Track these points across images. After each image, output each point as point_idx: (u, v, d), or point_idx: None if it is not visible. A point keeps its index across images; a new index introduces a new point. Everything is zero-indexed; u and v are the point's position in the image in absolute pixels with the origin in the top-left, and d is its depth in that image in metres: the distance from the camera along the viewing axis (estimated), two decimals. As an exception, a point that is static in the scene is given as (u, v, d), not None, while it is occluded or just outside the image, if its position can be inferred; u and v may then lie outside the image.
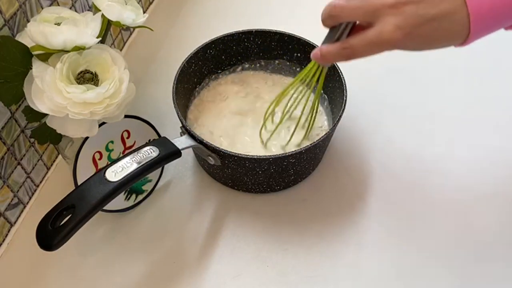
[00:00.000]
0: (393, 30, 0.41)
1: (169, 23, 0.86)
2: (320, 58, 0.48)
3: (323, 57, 0.48)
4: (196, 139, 0.55)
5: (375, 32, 0.42)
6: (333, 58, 0.47)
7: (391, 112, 0.71)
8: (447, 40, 0.42)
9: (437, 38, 0.42)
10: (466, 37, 0.41)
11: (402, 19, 0.41)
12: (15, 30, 0.51)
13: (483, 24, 0.40)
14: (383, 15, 0.41)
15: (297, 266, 0.55)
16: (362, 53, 0.44)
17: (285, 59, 0.69)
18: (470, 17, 0.39)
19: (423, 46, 0.43)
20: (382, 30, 0.42)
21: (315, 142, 0.55)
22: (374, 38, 0.42)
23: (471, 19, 0.39)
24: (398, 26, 0.41)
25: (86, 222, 0.45)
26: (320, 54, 0.48)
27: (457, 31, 0.41)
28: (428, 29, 0.41)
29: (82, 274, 0.55)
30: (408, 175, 0.63)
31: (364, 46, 0.43)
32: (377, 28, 0.42)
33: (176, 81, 0.61)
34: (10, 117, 0.53)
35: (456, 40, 0.42)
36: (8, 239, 0.58)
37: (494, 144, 0.66)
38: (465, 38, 0.41)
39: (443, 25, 0.40)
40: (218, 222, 0.59)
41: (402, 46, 0.43)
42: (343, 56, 0.46)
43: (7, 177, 0.55)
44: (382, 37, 0.42)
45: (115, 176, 0.47)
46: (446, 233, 0.58)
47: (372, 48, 0.43)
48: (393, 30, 0.41)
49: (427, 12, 0.40)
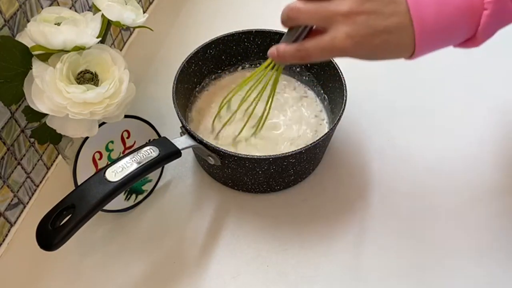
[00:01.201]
0: (344, 38, 0.42)
1: (169, 23, 0.86)
2: (277, 57, 0.49)
3: (279, 56, 0.49)
4: (196, 139, 0.55)
5: (328, 39, 0.43)
6: (288, 58, 0.48)
7: (391, 112, 0.71)
8: (396, 53, 0.44)
9: (385, 50, 0.43)
10: (413, 51, 0.42)
11: (353, 28, 0.42)
12: (15, 30, 0.51)
13: (427, 42, 0.42)
14: (336, 23, 0.43)
15: (297, 266, 0.55)
16: (315, 57, 0.46)
17: None
18: (415, 33, 0.41)
19: (372, 56, 0.44)
20: (334, 37, 0.43)
21: (315, 142, 0.55)
22: (326, 44, 0.44)
23: (416, 35, 0.41)
24: (349, 35, 0.42)
25: (86, 222, 0.45)
26: (277, 53, 0.49)
27: (404, 44, 0.42)
28: (377, 40, 0.42)
29: (82, 274, 0.55)
30: (408, 175, 0.63)
31: (317, 50, 0.45)
32: (329, 34, 0.43)
33: (176, 81, 0.61)
34: (10, 117, 0.53)
35: (404, 53, 0.43)
36: (8, 239, 0.58)
37: (495, 144, 0.66)
38: (412, 52, 0.43)
39: (392, 38, 0.42)
40: (218, 222, 0.60)
41: (352, 54, 0.44)
42: (298, 57, 0.47)
43: (7, 177, 0.55)
44: (333, 44, 0.43)
45: (115, 176, 0.47)
46: (447, 233, 0.58)
47: (324, 53, 0.45)
48: (344, 38, 0.42)
49: (378, 24, 0.41)
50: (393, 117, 0.70)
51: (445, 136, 0.67)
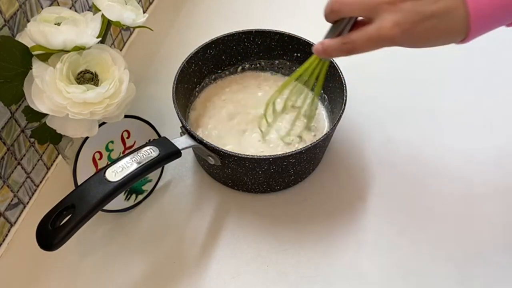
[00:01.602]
0: (391, 27, 0.41)
1: (169, 23, 0.86)
2: (322, 52, 0.48)
3: (324, 51, 0.48)
4: (196, 139, 0.55)
5: (374, 28, 0.42)
6: (334, 52, 0.47)
7: (391, 112, 0.71)
8: (446, 38, 0.42)
9: (436, 36, 0.42)
10: (466, 34, 0.41)
11: (400, 16, 0.41)
12: (15, 30, 0.51)
13: (483, 22, 0.40)
14: (382, 12, 0.42)
15: (297, 266, 0.55)
16: (362, 49, 0.44)
17: (285, 59, 0.69)
18: (469, 14, 0.39)
19: (422, 43, 0.43)
20: (381, 27, 0.42)
21: (315, 142, 0.55)
22: (373, 34, 0.43)
23: (470, 17, 0.39)
24: (396, 23, 0.41)
25: (86, 222, 0.45)
26: (322, 48, 0.48)
27: (456, 28, 0.41)
28: (426, 26, 0.40)
29: (82, 274, 0.55)
30: (408, 175, 0.63)
31: (364, 41, 0.44)
32: (376, 24, 0.42)
33: (176, 81, 0.61)
34: (10, 117, 0.53)
35: (456, 38, 0.42)
36: (8, 239, 0.58)
37: (495, 143, 0.66)
38: (465, 35, 0.41)
39: (442, 23, 0.40)
40: (218, 222, 0.59)
41: (400, 43, 0.43)
42: (344, 50, 0.46)
43: (7, 177, 0.55)
44: (380, 33, 0.42)
45: (115, 176, 0.47)
46: (447, 233, 0.58)
47: (371, 43, 0.44)
48: (391, 27, 0.41)
49: (426, 9, 0.40)
50: (393, 117, 0.70)
51: (445, 136, 0.67)
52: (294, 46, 0.67)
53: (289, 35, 0.66)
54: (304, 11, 0.81)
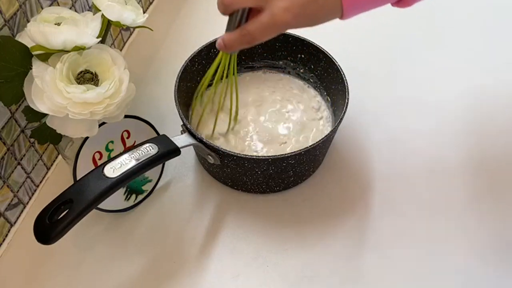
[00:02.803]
0: (283, 13, 0.44)
1: (169, 23, 0.86)
2: (224, 47, 0.50)
3: (226, 46, 0.50)
4: (196, 138, 0.55)
5: (267, 17, 0.45)
6: (235, 45, 0.49)
7: (392, 113, 0.71)
8: (329, 16, 0.46)
9: (321, 15, 0.45)
10: (342, 12, 0.45)
11: (289, 1, 0.44)
12: (15, 30, 0.51)
13: (353, 2, 0.44)
14: (271, 0, 0.45)
15: (297, 266, 0.55)
16: (260, 37, 0.47)
17: (289, 60, 0.69)
18: None
19: (311, 23, 0.46)
20: (273, 14, 0.45)
21: (314, 143, 0.54)
22: (267, 22, 0.45)
23: None
24: (286, 8, 0.44)
25: (83, 217, 0.45)
26: (223, 43, 0.50)
27: (334, 7, 0.45)
28: (313, 7, 0.44)
29: (82, 274, 0.55)
30: (410, 176, 0.63)
31: (261, 31, 0.46)
32: (267, 12, 0.45)
33: (179, 79, 0.60)
34: (10, 117, 0.53)
35: (335, 15, 0.46)
36: (8, 239, 0.58)
37: (496, 144, 0.66)
38: (341, 13, 0.45)
39: (325, 3, 0.44)
40: (218, 222, 0.60)
41: (294, 26, 0.46)
42: (244, 42, 0.48)
43: (7, 177, 0.55)
44: (274, 20, 0.45)
45: (113, 172, 0.47)
46: (448, 233, 0.58)
47: (268, 31, 0.46)
48: (283, 13, 0.44)
49: None
50: (395, 119, 0.70)
51: (447, 137, 0.67)
52: (298, 47, 0.67)
53: (294, 36, 0.66)
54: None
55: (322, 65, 0.66)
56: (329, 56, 0.64)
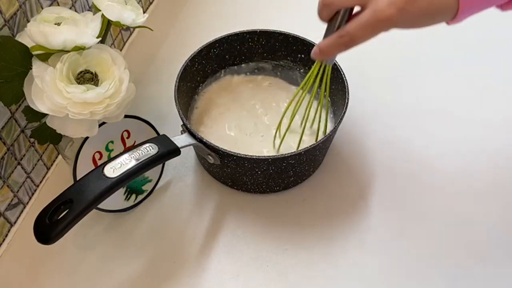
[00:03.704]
0: (387, 7, 0.41)
1: (169, 23, 0.86)
2: (319, 54, 0.47)
3: (321, 52, 0.46)
4: (196, 138, 0.55)
5: (369, 13, 0.42)
6: (332, 49, 0.45)
7: (393, 113, 0.71)
8: (440, 15, 0.42)
9: (430, 13, 0.42)
10: (456, 11, 0.41)
11: None
12: (15, 30, 0.51)
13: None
14: None
15: (297, 266, 0.55)
16: (360, 37, 0.43)
17: (289, 60, 0.69)
18: None
19: (418, 21, 0.43)
20: (376, 9, 0.41)
21: (314, 144, 0.54)
22: (369, 19, 0.42)
23: None
24: (391, 3, 0.41)
25: (83, 217, 0.45)
26: (318, 49, 0.47)
27: (448, 4, 0.41)
28: (421, 3, 0.41)
29: (82, 274, 0.55)
30: (410, 176, 0.63)
31: (361, 29, 0.42)
32: (370, 8, 0.42)
33: (179, 79, 0.60)
34: (10, 117, 0.53)
35: (448, 15, 0.42)
36: (8, 239, 0.58)
37: (496, 144, 0.66)
38: (455, 12, 0.41)
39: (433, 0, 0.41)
40: (218, 222, 0.60)
41: (398, 23, 0.42)
42: (342, 44, 0.44)
43: (7, 177, 0.55)
44: (377, 16, 0.41)
45: (113, 172, 0.47)
46: (448, 233, 0.58)
47: (369, 29, 0.42)
48: (387, 7, 0.41)
49: None
50: (395, 119, 0.70)
51: (446, 137, 0.67)
52: (298, 47, 0.67)
53: (294, 36, 0.66)
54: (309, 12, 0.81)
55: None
56: (329, 56, 0.63)
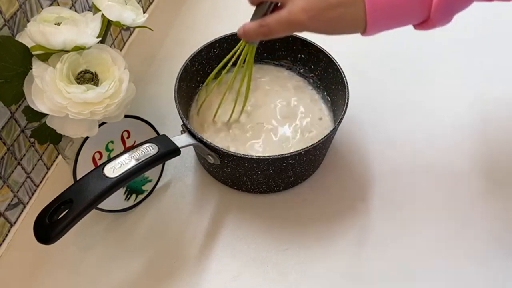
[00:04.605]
0: (300, 12, 0.44)
1: (169, 23, 0.86)
2: (243, 34, 0.51)
3: (245, 33, 0.51)
4: (196, 138, 0.55)
5: (285, 13, 0.46)
6: (253, 35, 0.50)
7: (392, 113, 0.71)
8: (349, 28, 0.45)
9: (340, 24, 0.45)
10: (365, 27, 0.43)
11: (308, 2, 0.44)
12: (15, 30, 0.51)
13: (378, 18, 0.43)
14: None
15: (297, 266, 0.55)
16: (276, 32, 0.47)
17: (289, 60, 0.69)
18: (366, 9, 0.42)
19: (328, 30, 0.46)
20: (290, 11, 0.45)
21: (314, 143, 0.54)
22: (284, 18, 0.46)
23: (366, 11, 0.42)
24: (304, 9, 0.44)
25: (83, 216, 0.45)
26: (243, 30, 0.51)
27: (357, 20, 0.44)
28: (331, 14, 0.43)
29: (82, 274, 0.55)
30: (410, 176, 0.63)
31: (277, 25, 0.47)
32: (287, 8, 0.46)
33: (179, 79, 0.60)
34: (10, 117, 0.53)
35: (357, 29, 0.45)
36: (8, 239, 0.58)
37: (496, 144, 0.66)
38: (364, 28, 0.44)
39: (346, 13, 0.43)
40: (218, 222, 0.60)
41: (309, 28, 0.45)
42: (261, 33, 0.49)
43: (7, 177, 0.55)
44: (290, 18, 0.45)
45: (113, 172, 0.47)
46: (447, 233, 0.58)
47: (284, 27, 0.47)
48: (300, 12, 0.44)
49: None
50: (395, 119, 0.70)
51: (446, 137, 0.67)
52: (298, 47, 0.67)
53: (293, 36, 0.66)
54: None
55: (322, 65, 0.65)
56: (329, 56, 0.64)
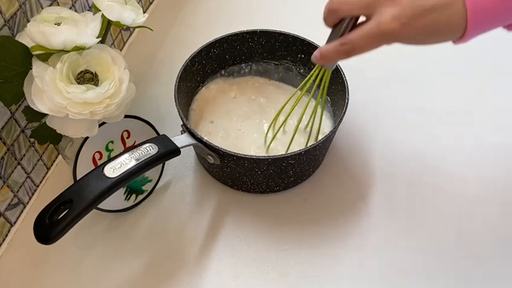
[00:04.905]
0: (391, 21, 0.40)
1: (169, 23, 0.86)
2: (320, 58, 0.47)
3: (322, 57, 0.47)
4: (195, 138, 0.55)
5: (373, 24, 0.41)
6: (333, 56, 0.46)
7: (392, 113, 0.71)
8: (446, 33, 0.41)
9: (435, 30, 0.41)
10: (464, 30, 0.40)
11: (399, 9, 0.40)
12: (15, 30, 0.51)
13: (480, 17, 0.39)
14: (381, 7, 0.41)
15: (297, 266, 0.55)
16: (361, 48, 0.43)
17: (289, 60, 0.69)
18: (467, 10, 0.39)
19: (422, 38, 0.42)
20: (380, 21, 0.41)
21: (314, 143, 0.54)
22: (372, 30, 0.41)
23: (468, 12, 0.39)
24: (396, 17, 0.40)
25: (83, 217, 0.45)
26: (320, 54, 0.47)
27: (455, 23, 0.40)
28: (426, 20, 0.40)
29: (82, 274, 0.55)
30: (409, 176, 0.63)
31: (363, 39, 0.42)
32: (374, 20, 0.41)
33: (179, 79, 0.60)
34: (10, 117, 0.53)
35: (454, 34, 0.41)
36: (8, 239, 0.58)
37: (495, 144, 0.66)
38: (463, 31, 0.40)
39: (441, 17, 0.40)
40: (218, 222, 0.60)
41: (401, 38, 0.41)
42: (342, 52, 0.44)
43: (7, 177, 0.55)
44: (380, 29, 0.41)
45: (113, 172, 0.47)
46: (447, 233, 0.58)
47: (371, 41, 0.42)
48: (391, 21, 0.40)
49: (425, 3, 0.40)
50: (395, 119, 0.70)
51: (446, 136, 0.67)
52: (298, 47, 0.67)
53: (293, 36, 0.66)
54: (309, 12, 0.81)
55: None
56: (329, 56, 0.63)
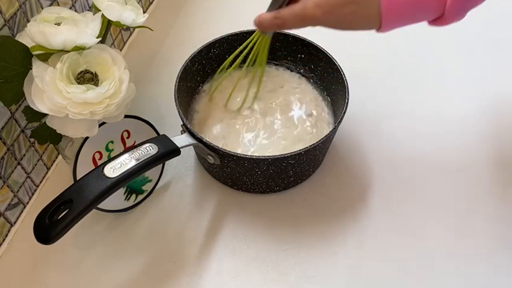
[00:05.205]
0: (313, 7, 0.45)
1: (169, 23, 0.86)
2: (258, 24, 0.52)
3: (259, 23, 0.52)
4: (195, 137, 0.55)
5: (299, 7, 0.46)
6: (267, 26, 0.51)
7: (392, 113, 0.71)
8: (363, 24, 0.45)
9: (353, 20, 0.45)
10: (380, 23, 0.44)
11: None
12: (15, 30, 0.51)
13: (393, 14, 0.43)
14: None
15: (297, 266, 0.55)
16: (290, 25, 0.48)
17: (289, 60, 0.69)
18: (380, 6, 0.42)
19: (341, 25, 0.46)
20: (305, 6, 0.45)
21: (314, 144, 0.54)
22: (298, 12, 0.46)
23: (381, 7, 0.42)
24: (318, 4, 0.44)
25: (83, 216, 0.45)
26: (258, 20, 0.52)
27: (371, 17, 0.44)
28: (345, 10, 0.44)
29: (82, 274, 0.55)
30: (409, 176, 0.63)
31: (291, 18, 0.47)
32: (301, 3, 0.46)
33: (179, 79, 0.60)
34: (10, 117, 0.53)
35: (371, 25, 0.45)
36: (8, 239, 0.58)
37: (495, 144, 0.66)
38: (379, 25, 0.44)
39: (359, 9, 0.43)
40: (218, 222, 0.60)
41: (322, 23, 0.46)
42: (275, 25, 0.50)
43: (7, 177, 0.55)
44: (304, 12, 0.46)
45: (113, 172, 0.47)
46: (447, 233, 0.58)
47: (297, 21, 0.47)
48: (313, 7, 0.45)
49: None
50: (395, 119, 0.70)
51: (446, 136, 0.67)
52: (298, 47, 0.67)
53: (293, 36, 0.66)
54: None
55: (322, 65, 0.65)
56: (329, 56, 0.64)
